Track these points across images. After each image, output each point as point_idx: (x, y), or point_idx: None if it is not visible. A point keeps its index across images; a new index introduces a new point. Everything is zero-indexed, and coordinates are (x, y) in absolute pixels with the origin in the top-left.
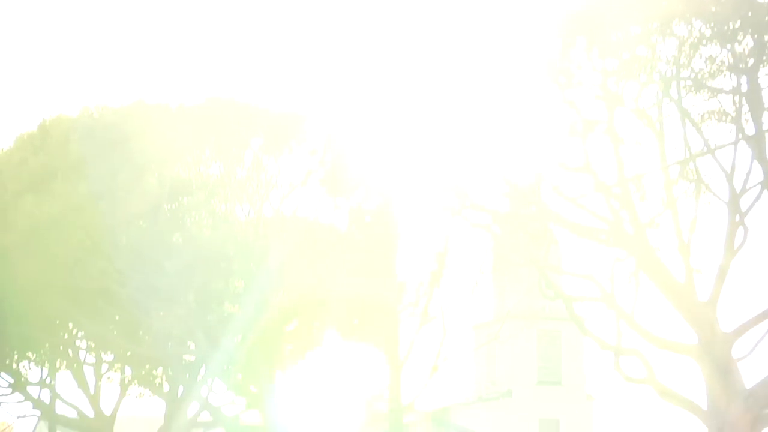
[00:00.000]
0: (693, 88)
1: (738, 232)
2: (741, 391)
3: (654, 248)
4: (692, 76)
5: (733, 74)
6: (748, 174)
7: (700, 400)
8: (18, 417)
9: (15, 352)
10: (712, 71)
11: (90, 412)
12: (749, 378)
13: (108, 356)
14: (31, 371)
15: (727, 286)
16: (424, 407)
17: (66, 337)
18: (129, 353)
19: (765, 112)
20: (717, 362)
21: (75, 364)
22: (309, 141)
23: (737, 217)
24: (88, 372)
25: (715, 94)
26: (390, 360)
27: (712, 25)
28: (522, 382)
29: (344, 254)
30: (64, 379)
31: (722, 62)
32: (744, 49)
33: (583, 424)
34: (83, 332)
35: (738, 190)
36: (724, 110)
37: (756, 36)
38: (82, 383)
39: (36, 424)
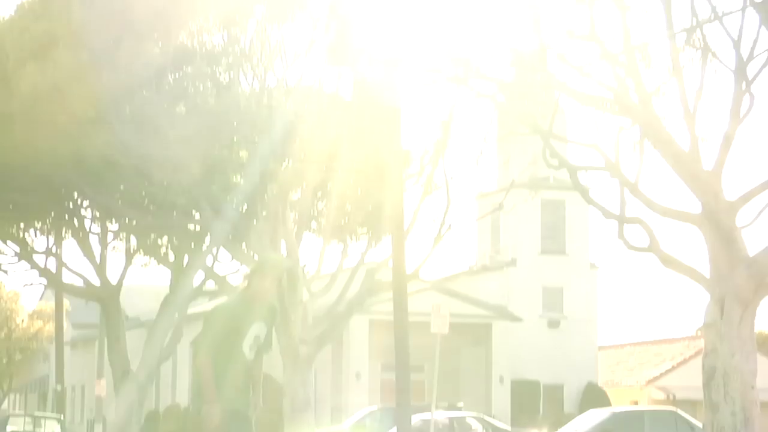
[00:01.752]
0: None
1: (744, 99)
2: (744, 259)
3: (659, 117)
4: None
5: None
6: (755, 41)
7: (703, 268)
8: (24, 285)
9: (20, 220)
10: None
11: (96, 281)
12: (753, 246)
13: (113, 226)
14: (37, 240)
15: (732, 155)
16: (428, 276)
17: (71, 206)
18: (134, 223)
19: None
20: (721, 230)
21: (80, 234)
22: (313, 9)
23: (743, 85)
24: (94, 241)
25: None
26: (394, 229)
27: None
28: (526, 252)
29: (348, 123)
30: (69, 249)
31: None
32: None
33: (586, 293)
34: (88, 202)
35: (745, 58)
36: None
37: None
38: (87, 252)
39: (42, 293)
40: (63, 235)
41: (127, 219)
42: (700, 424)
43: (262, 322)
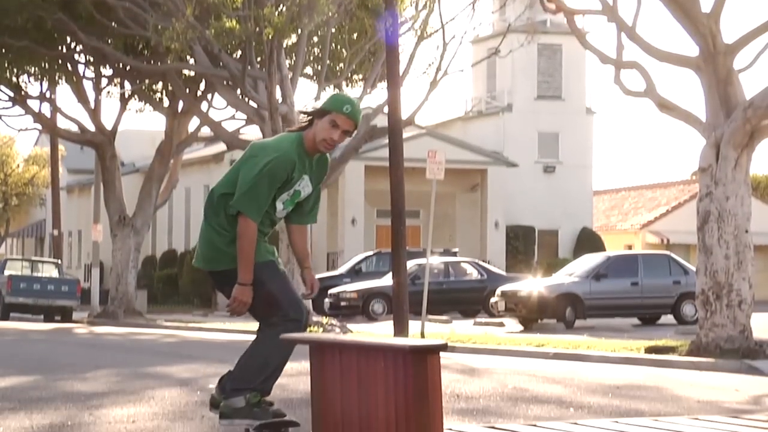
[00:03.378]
0: None
1: None
2: (741, 102)
3: None
4: None
5: None
6: None
7: (699, 112)
8: (19, 130)
9: (13, 64)
10: None
11: (91, 127)
12: (750, 89)
13: (107, 71)
14: (30, 85)
15: None
16: (424, 122)
17: (64, 50)
18: (128, 68)
19: None
20: (718, 73)
21: (74, 78)
22: None
23: None
24: (88, 87)
25: None
26: (389, 75)
27: None
28: (522, 97)
29: None
30: (64, 94)
31: None
32: None
33: (582, 138)
34: (81, 46)
35: None
36: None
37: None
38: (82, 98)
39: (37, 138)
40: (57, 80)
41: (120, 64)
42: (693, 268)
43: (309, 177)
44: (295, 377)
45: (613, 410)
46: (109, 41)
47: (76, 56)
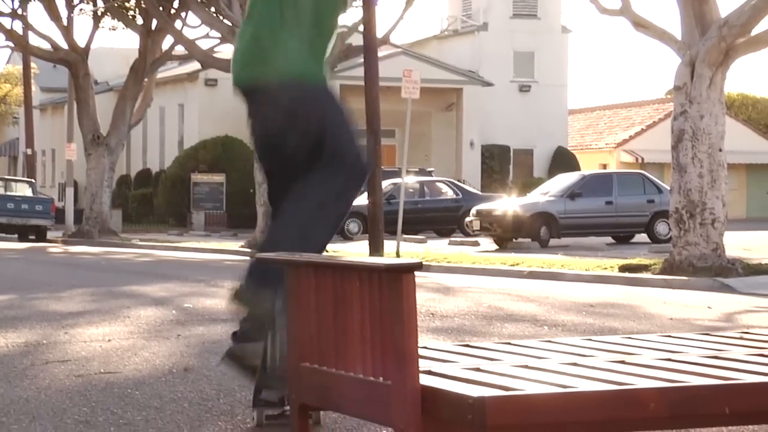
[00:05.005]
0: None
1: None
2: (716, 20)
3: None
4: None
5: None
6: None
7: (675, 30)
8: None
9: None
10: None
11: (63, 44)
12: (725, 8)
13: None
14: (2, 2)
15: None
16: (399, 41)
17: None
18: None
19: None
20: None
21: None
22: None
23: None
24: (60, 4)
25: None
26: None
27: None
28: (497, 15)
29: None
30: (36, 11)
31: None
32: None
33: (558, 57)
34: None
35: None
36: None
37: None
38: (54, 14)
39: (9, 56)
40: None
41: None
42: (667, 187)
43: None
44: None
45: (587, 328)
46: None
47: None
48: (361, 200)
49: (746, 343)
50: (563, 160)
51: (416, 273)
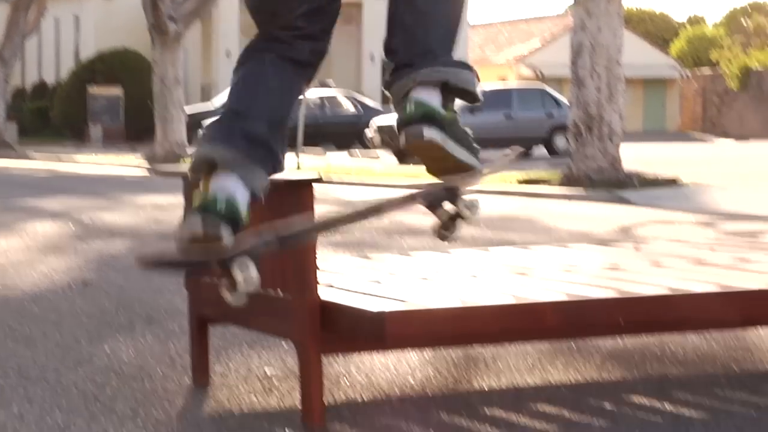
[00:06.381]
0: None
1: None
2: None
3: None
4: None
5: None
6: None
7: None
8: None
9: None
10: None
11: None
12: None
13: None
14: None
15: None
16: None
17: None
18: None
19: None
20: None
21: None
22: None
23: None
24: None
25: None
26: None
27: None
28: None
29: None
30: None
31: None
32: None
33: None
34: None
35: None
36: None
37: None
38: None
39: None
40: None
41: None
42: (566, 101)
43: None
44: (169, 211)
45: (486, 241)
46: None
47: None
48: None
49: (641, 255)
50: None
51: (316, 186)
